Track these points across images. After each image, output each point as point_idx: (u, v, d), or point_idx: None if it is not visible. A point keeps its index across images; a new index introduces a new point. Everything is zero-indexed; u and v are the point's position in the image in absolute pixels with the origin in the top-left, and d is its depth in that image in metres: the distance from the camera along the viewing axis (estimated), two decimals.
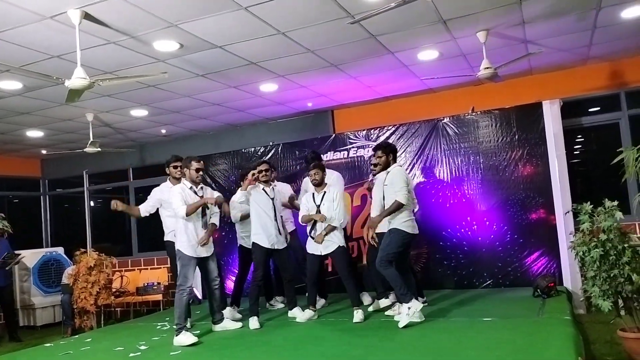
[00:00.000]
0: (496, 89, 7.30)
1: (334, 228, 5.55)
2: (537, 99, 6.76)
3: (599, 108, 7.37)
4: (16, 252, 7.98)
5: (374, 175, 5.68)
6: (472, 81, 7.05)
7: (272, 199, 5.79)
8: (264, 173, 5.79)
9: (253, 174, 5.81)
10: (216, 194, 5.65)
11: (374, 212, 5.45)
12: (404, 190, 5.01)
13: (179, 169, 5.76)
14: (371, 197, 5.77)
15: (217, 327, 5.51)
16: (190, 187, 5.32)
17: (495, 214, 6.82)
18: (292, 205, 6.33)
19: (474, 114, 7.07)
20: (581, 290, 5.57)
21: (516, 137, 6.80)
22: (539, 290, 5.93)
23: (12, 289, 8.08)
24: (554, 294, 5.90)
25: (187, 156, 5.56)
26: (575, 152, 7.75)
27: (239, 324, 5.57)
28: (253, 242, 5.75)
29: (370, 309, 5.79)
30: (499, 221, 6.80)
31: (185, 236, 5.23)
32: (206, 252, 5.33)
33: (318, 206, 5.62)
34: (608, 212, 4.41)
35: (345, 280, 5.54)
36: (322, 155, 7.12)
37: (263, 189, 5.79)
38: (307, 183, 6.20)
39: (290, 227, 6.54)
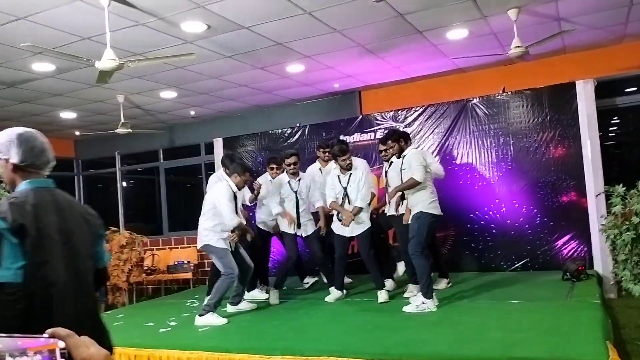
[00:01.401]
0: (528, 69, 7.13)
1: (360, 209, 5.56)
2: (570, 79, 6.59)
3: (635, 88, 7.13)
4: None
5: (386, 160, 5.65)
6: (502, 60, 6.89)
7: (296, 192, 5.88)
8: (292, 166, 5.87)
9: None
10: (248, 194, 6.01)
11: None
12: (420, 168, 4.99)
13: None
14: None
15: (233, 309, 5.49)
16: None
17: (525, 197, 6.71)
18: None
19: (504, 94, 6.94)
20: (612, 274, 5.46)
21: (548, 118, 6.66)
22: (568, 273, 5.83)
23: None
24: (583, 277, 5.79)
25: (236, 164, 5.64)
26: (610, 134, 7.54)
27: (254, 305, 5.60)
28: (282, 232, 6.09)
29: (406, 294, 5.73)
30: (528, 204, 6.69)
31: (219, 231, 5.32)
32: (233, 244, 5.40)
33: (345, 188, 5.63)
34: None
35: (368, 262, 5.56)
36: (349, 137, 7.11)
37: (288, 182, 5.88)
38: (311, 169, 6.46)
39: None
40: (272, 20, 5.18)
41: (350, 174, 5.64)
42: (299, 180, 5.97)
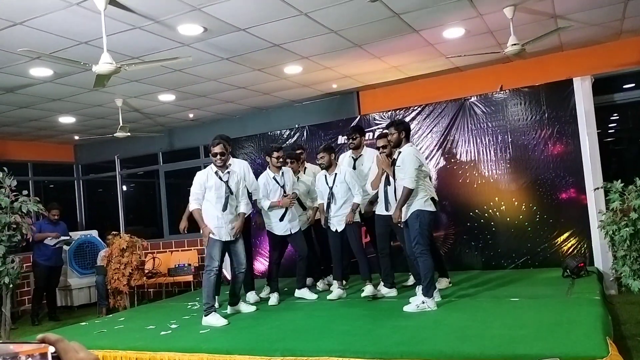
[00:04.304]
0: (525, 67, 7.15)
1: (358, 205, 5.69)
2: (567, 76, 6.59)
3: (632, 84, 7.13)
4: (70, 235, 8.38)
5: (387, 155, 5.54)
6: (500, 59, 6.92)
7: (282, 186, 5.87)
8: (279, 160, 5.91)
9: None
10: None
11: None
12: (413, 174, 4.85)
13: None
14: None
15: (230, 309, 5.52)
16: (216, 172, 5.30)
17: (524, 194, 6.72)
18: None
19: (502, 92, 6.95)
20: (612, 270, 5.46)
21: (546, 115, 6.66)
22: (568, 270, 5.84)
23: (61, 270, 8.40)
24: (583, 274, 5.80)
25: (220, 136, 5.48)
26: (608, 131, 7.54)
27: (253, 308, 5.60)
28: (267, 230, 6.06)
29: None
30: (528, 201, 6.69)
31: (208, 219, 5.27)
32: (227, 236, 5.29)
33: (331, 188, 5.74)
34: (639, 190, 4.30)
35: (357, 253, 5.69)
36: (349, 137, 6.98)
37: (273, 177, 5.87)
38: (342, 159, 6.35)
39: None
40: (269, 22, 5.20)
41: (336, 174, 5.72)
42: (282, 174, 5.96)
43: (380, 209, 5.64)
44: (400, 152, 5.05)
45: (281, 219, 5.86)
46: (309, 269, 6.50)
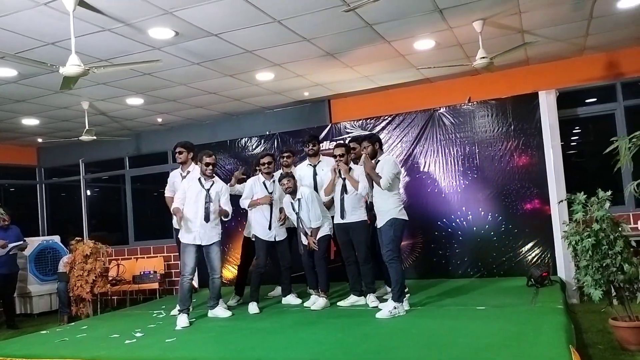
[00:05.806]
0: (492, 79, 7.31)
1: (318, 229, 5.70)
2: (533, 89, 6.78)
3: (595, 99, 7.37)
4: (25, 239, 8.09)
5: (344, 163, 5.48)
6: (468, 71, 7.07)
7: (271, 192, 5.88)
8: (266, 165, 5.89)
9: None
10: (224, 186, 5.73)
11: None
12: (390, 177, 4.97)
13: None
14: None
15: (210, 313, 5.67)
16: (199, 179, 5.49)
17: (491, 204, 6.84)
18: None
19: (470, 104, 7.08)
20: (574, 280, 5.60)
21: (512, 127, 6.82)
22: (532, 279, 5.97)
23: (17, 277, 8.11)
24: (547, 283, 5.94)
25: (201, 150, 5.72)
26: (571, 144, 7.75)
27: (229, 313, 5.64)
28: (253, 234, 6.01)
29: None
30: (494, 211, 6.82)
31: (184, 224, 5.42)
32: (200, 240, 5.41)
33: (297, 213, 5.71)
34: (601, 202, 4.43)
35: (318, 265, 5.70)
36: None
37: (263, 182, 5.87)
38: (300, 169, 6.31)
39: None
40: (241, 28, 5.18)
41: (299, 199, 5.68)
42: (273, 181, 5.96)
43: (336, 218, 5.65)
44: (379, 161, 5.13)
45: (269, 227, 5.87)
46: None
